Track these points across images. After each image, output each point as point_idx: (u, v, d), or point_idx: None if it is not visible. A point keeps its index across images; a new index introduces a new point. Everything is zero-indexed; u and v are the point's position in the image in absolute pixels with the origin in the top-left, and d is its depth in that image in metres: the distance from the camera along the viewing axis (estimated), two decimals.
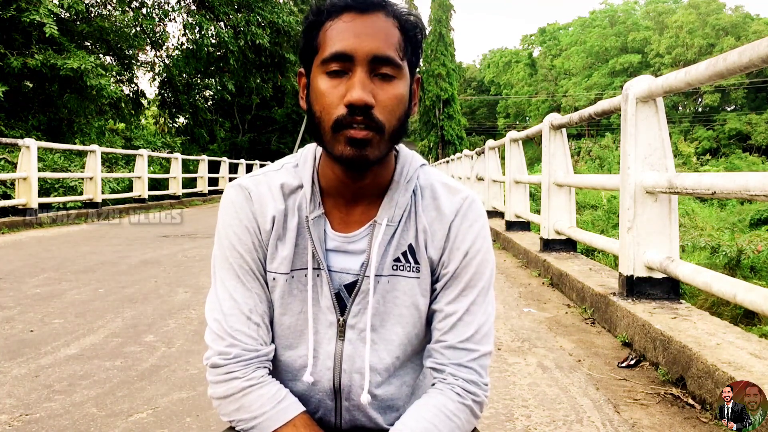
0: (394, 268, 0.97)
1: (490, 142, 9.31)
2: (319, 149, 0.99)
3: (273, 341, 0.99)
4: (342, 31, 0.86)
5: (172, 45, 23.89)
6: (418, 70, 0.95)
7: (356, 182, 0.95)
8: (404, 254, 0.97)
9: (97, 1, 17.71)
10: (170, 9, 20.16)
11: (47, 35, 12.45)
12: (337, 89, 0.86)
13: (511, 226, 7.45)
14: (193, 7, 20.04)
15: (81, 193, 11.97)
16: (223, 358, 0.94)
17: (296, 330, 0.98)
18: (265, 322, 0.98)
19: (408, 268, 0.97)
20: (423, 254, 0.97)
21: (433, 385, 0.98)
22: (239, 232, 0.97)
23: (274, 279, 0.97)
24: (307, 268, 0.97)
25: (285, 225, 0.97)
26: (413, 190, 0.99)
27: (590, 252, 7.09)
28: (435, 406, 0.93)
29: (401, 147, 1.01)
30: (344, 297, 0.97)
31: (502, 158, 8.70)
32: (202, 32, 19.89)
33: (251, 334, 0.95)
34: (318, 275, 0.97)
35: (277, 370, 1.00)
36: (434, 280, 0.99)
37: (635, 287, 3.22)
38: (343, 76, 0.86)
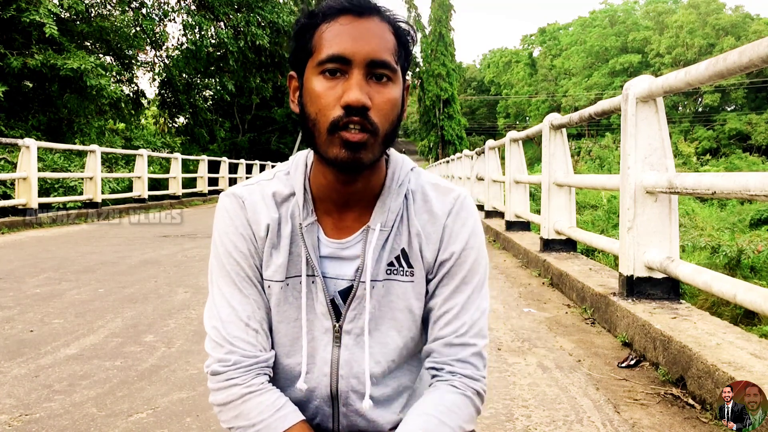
0: (388, 272, 0.97)
1: (490, 142, 9.31)
2: (311, 156, 0.99)
3: (273, 347, 0.99)
4: (339, 33, 0.86)
5: (172, 45, 23.92)
6: (411, 73, 0.95)
7: (348, 187, 0.94)
8: (397, 258, 0.97)
9: (97, 1, 17.71)
10: (170, 9, 20.17)
11: (47, 35, 12.46)
12: (334, 90, 0.86)
13: (511, 226, 7.45)
14: (192, 8, 20.04)
15: (81, 193, 11.96)
16: (223, 365, 0.94)
17: (292, 337, 0.98)
18: (264, 328, 0.98)
19: (402, 272, 0.97)
20: (417, 258, 0.97)
21: (432, 384, 0.98)
22: (235, 240, 0.97)
23: (269, 287, 0.98)
24: (301, 275, 0.97)
25: (279, 233, 0.97)
26: (405, 194, 0.99)
27: (590, 252, 7.09)
28: (434, 399, 0.94)
29: (391, 151, 1.01)
30: (338, 303, 0.98)
31: (502, 158, 8.70)
32: (202, 32, 19.91)
33: (250, 340, 0.95)
34: (312, 282, 0.97)
35: (277, 377, 1.00)
36: (429, 280, 0.99)
37: (635, 287, 3.22)
38: (340, 78, 0.86)
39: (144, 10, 18.91)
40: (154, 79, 21.75)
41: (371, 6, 0.89)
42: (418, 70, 44.78)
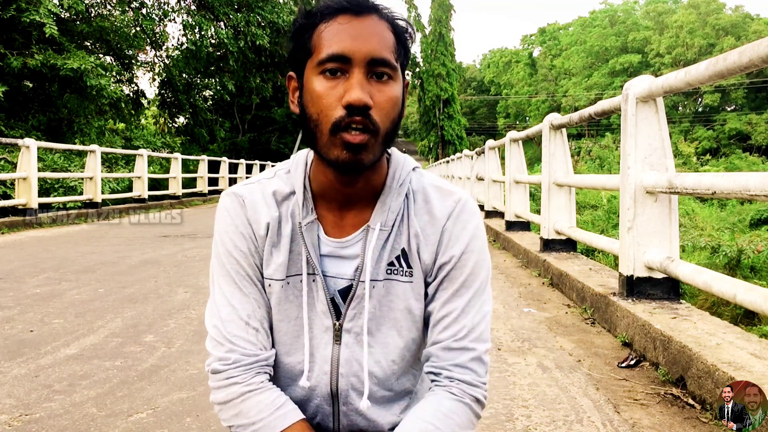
0: (388, 272, 0.97)
1: (490, 142, 9.31)
2: (311, 154, 0.99)
3: (273, 346, 0.99)
4: (338, 32, 0.86)
5: (172, 45, 23.93)
6: (411, 73, 0.94)
7: (348, 186, 0.94)
8: (398, 258, 0.97)
9: (97, 1, 17.71)
10: (170, 9, 20.17)
11: (47, 35, 12.45)
12: (335, 90, 0.85)
13: (511, 226, 7.45)
14: (192, 8, 20.05)
15: (81, 193, 11.97)
16: (223, 364, 0.94)
17: (293, 335, 0.98)
18: (264, 327, 0.98)
19: (401, 272, 0.97)
20: (416, 258, 0.97)
21: (431, 389, 0.98)
22: (235, 239, 0.97)
23: (269, 285, 0.98)
24: (301, 274, 0.96)
25: (279, 232, 0.97)
26: (406, 194, 0.98)
27: (590, 252, 7.09)
28: (431, 405, 0.93)
29: (393, 150, 1.01)
30: (338, 302, 0.98)
31: (502, 158, 8.70)
32: (202, 32, 19.90)
33: (250, 339, 0.95)
34: (313, 280, 0.97)
35: (277, 375, 1.01)
36: (429, 283, 0.98)
37: (635, 287, 3.22)
38: (340, 77, 0.86)
39: (144, 10, 18.89)
40: (154, 79, 21.76)
41: (369, 4, 0.88)
42: (418, 70, 44.77)
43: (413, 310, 0.98)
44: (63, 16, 14.84)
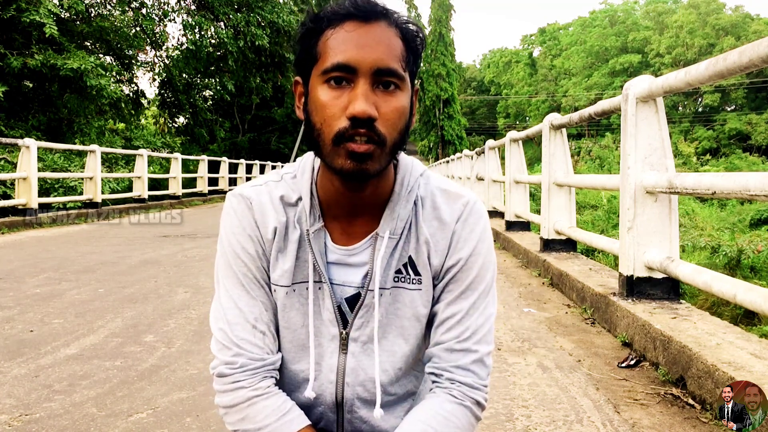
0: (396, 280, 0.96)
1: (490, 142, 9.30)
2: (318, 159, 0.97)
3: (279, 350, 0.99)
4: (344, 40, 0.84)
5: (172, 45, 23.95)
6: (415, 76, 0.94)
7: (355, 194, 0.93)
8: (405, 266, 0.96)
9: (97, 1, 17.72)
10: (170, 9, 20.19)
11: (47, 35, 12.47)
12: (339, 100, 0.83)
13: (511, 226, 7.45)
14: (192, 8, 20.07)
15: (81, 193, 11.96)
16: (230, 368, 0.93)
17: (298, 343, 0.97)
18: (271, 330, 0.97)
19: (409, 280, 0.96)
20: (425, 265, 0.96)
21: (432, 390, 0.97)
22: (242, 241, 0.96)
23: (275, 291, 0.97)
24: (308, 281, 0.95)
25: (286, 237, 0.96)
26: (414, 201, 0.97)
27: (590, 252, 7.09)
28: (431, 407, 0.93)
29: (400, 155, 0.99)
30: (345, 310, 0.97)
31: (502, 158, 8.70)
32: (202, 32, 19.93)
33: (257, 342, 0.94)
34: (320, 288, 0.95)
35: (281, 382, 1.00)
36: (435, 285, 0.98)
37: (635, 287, 3.22)
38: (345, 87, 0.84)
39: (144, 10, 18.91)
40: (154, 79, 21.77)
41: (377, 11, 0.86)
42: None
43: (421, 317, 0.97)
44: (63, 16, 14.85)
